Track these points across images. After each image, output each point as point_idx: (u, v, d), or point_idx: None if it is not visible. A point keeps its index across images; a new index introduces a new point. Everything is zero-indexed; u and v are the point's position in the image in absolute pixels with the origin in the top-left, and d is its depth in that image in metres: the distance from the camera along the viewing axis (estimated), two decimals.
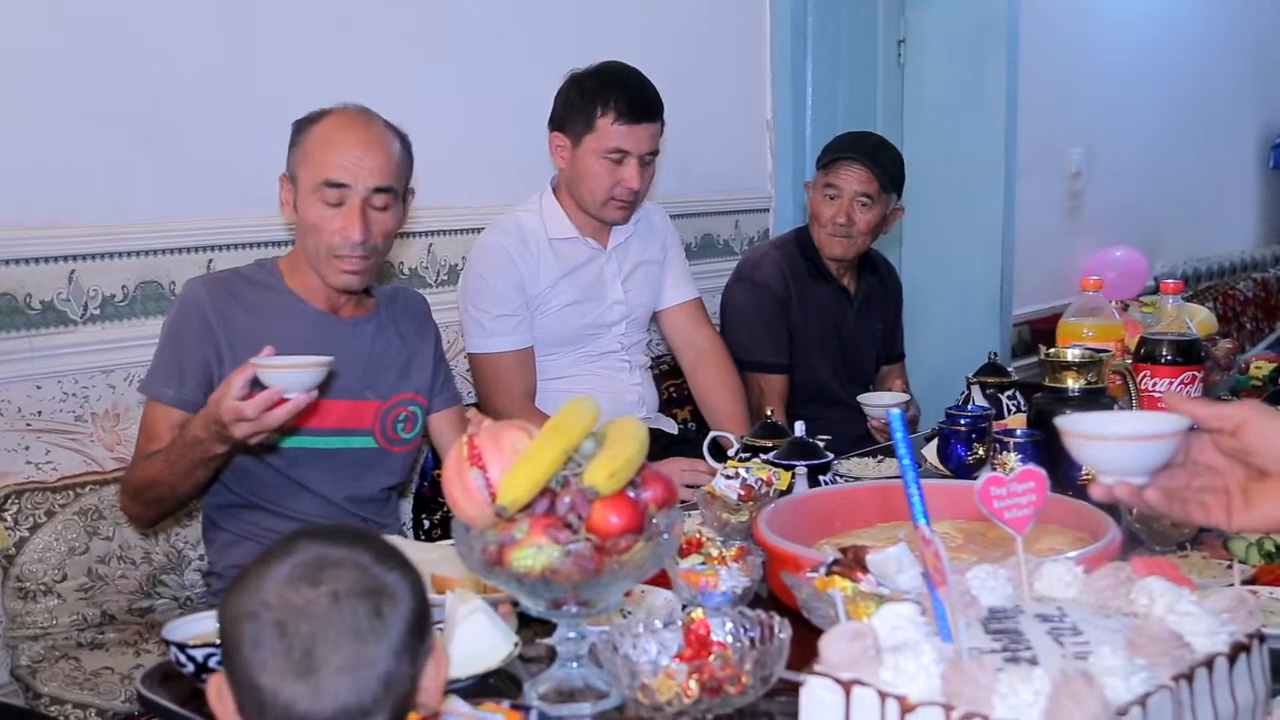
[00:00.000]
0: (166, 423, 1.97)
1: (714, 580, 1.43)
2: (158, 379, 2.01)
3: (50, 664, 2.11)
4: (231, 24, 2.50)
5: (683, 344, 2.88)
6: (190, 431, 1.85)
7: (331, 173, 1.97)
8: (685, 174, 3.49)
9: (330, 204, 1.97)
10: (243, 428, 1.74)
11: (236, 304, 2.03)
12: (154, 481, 1.93)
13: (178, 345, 2.00)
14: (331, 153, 1.97)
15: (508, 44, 3.02)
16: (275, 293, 2.08)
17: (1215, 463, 1.19)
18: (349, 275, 2.02)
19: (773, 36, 3.80)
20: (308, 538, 0.99)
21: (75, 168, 2.30)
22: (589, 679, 1.30)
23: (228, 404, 1.73)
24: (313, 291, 2.09)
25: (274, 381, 1.73)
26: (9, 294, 2.22)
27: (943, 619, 1.07)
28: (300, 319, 2.03)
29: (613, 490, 1.21)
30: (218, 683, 0.99)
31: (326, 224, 1.98)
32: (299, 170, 2.02)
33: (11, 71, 2.21)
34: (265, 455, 2.03)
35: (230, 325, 2.00)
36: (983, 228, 4.59)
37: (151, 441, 1.97)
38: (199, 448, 1.84)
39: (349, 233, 1.97)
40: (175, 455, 1.89)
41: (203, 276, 2.12)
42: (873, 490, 1.82)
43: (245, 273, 2.11)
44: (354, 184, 1.97)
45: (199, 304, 2.01)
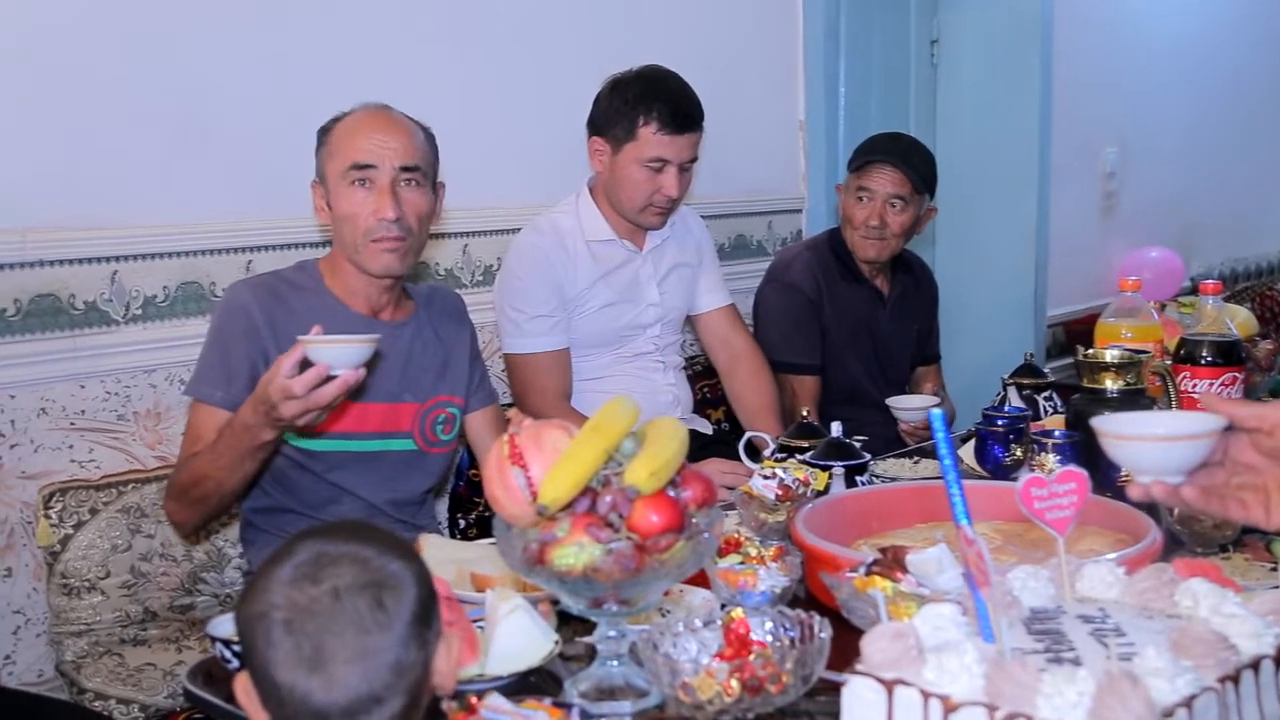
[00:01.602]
0: (212, 425, 1.97)
1: (753, 580, 1.44)
2: (205, 381, 2.01)
3: (94, 660, 2.14)
4: (269, 26, 2.53)
5: (718, 346, 2.89)
6: (239, 418, 1.85)
7: (357, 156, 1.99)
8: (718, 175, 3.49)
9: (361, 187, 2.00)
10: (291, 406, 1.73)
11: (280, 307, 2.04)
12: (202, 477, 1.93)
13: (224, 348, 2.01)
14: (355, 139, 2.01)
15: (542, 44, 3.04)
16: (316, 296, 2.09)
17: (1254, 461, 1.20)
18: (388, 255, 2.02)
19: (805, 37, 3.80)
20: (307, 537, 1.03)
21: (117, 170, 2.33)
22: (629, 677, 1.30)
23: (277, 383, 1.73)
24: (353, 294, 2.10)
25: (322, 358, 1.73)
26: (53, 294, 2.25)
27: (985, 619, 1.07)
28: (342, 322, 2.04)
29: (653, 489, 1.21)
30: (244, 680, 1.03)
31: (358, 209, 2.00)
32: (327, 167, 2.04)
33: (55, 74, 2.24)
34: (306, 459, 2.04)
35: (276, 328, 2.02)
36: (1017, 228, 4.57)
37: (197, 443, 1.98)
38: (248, 434, 1.84)
39: (382, 211, 1.99)
40: (224, 446, 1.89)
41: (247, 280, 2.13)
42: (910, 491, 1.82)
43: (287, 275, 2.12)
44: (380, 164, 2.00)
45: (245, 307, 2.02)
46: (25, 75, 2.20)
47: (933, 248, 4.49)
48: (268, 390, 1.75)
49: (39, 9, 2.21)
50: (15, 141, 2.20)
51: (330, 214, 2.06)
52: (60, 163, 2.26)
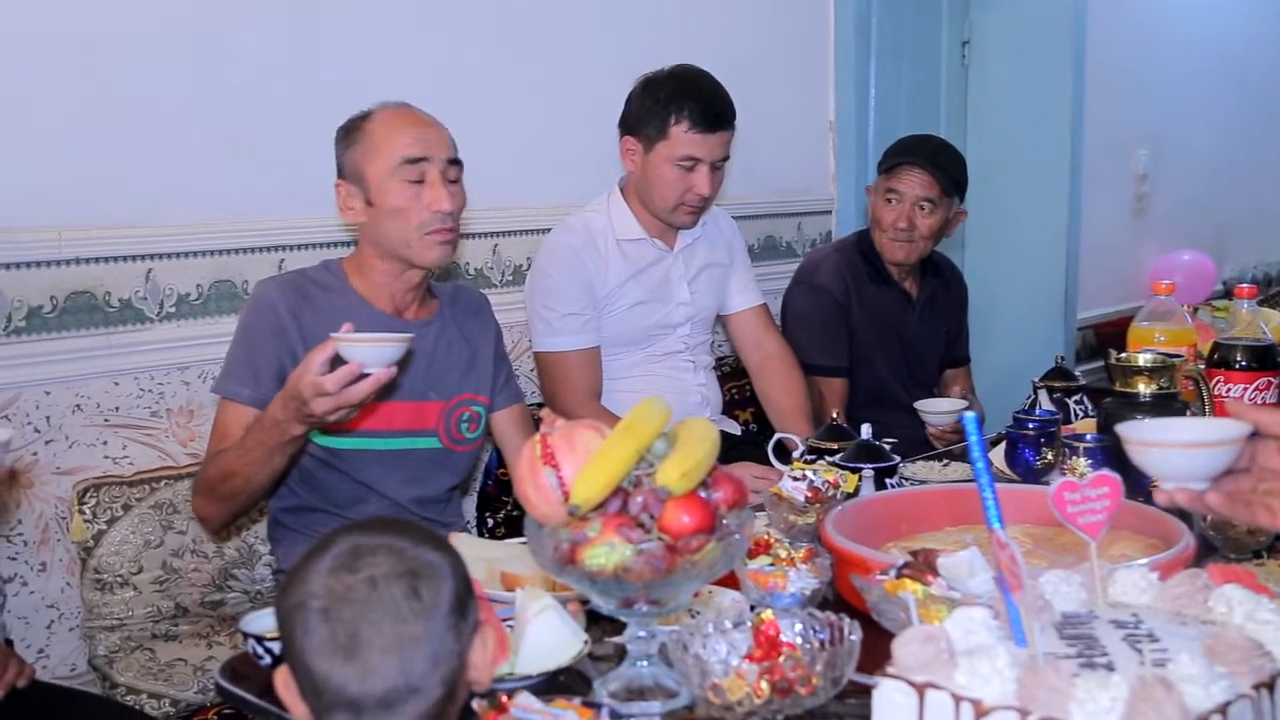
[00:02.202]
0: (239, 423, 1.98)
1: (783, 581, 1.44)
2: (233, 379, 2.03)
3: (126, 654, 2.16)
4: (303, 26, 2.55)
5: (749, 347, 2.89)
6: (269, 413, 1.86)
7: (408, 150, 2.01)
8: (748, 175, 3.49)
9: (411, 181, 2.01)
10: (323, 403, 1.74)
11: (307, 305, 2.05)
12: (230, 473, 1.94)
13: (252, 346, 2.02)
14: (400, 134, 2.02)
15: (574, 45, 3.04)
16: (341, 295, 2.10)
17: (1275, 466, 1.21)
18: (443, 247, 2.05)
19: (837, 37, 3.80)
20: (345, 531, 1.05)
21: (152, 169, 2.35)
22: (659, 678, 1.31)
23: (308, 380, 1.73)
24: (378, 293, 2.11)
25: (355, 356, 1.73)
26: (89, 292, 2.28)
27: (1017, 623, 1.06)
28: (368, 321, 2.05)
29: (685, 490, 1.22)
30: (284, 673, 1.04)
31: (411, 203, 2.02)
32: (365, 165, 2.03)
33: (90, 74, 2.26)
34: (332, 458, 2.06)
35: (302, 326, 2.03)
36: (1047, 230, 4.55)
37: (224, 440, 1.99)
38: (276, 430, 1.85)
39: (439, 204, 2.02)
40: (252, 442, 1.90)
41: (274, 278, 2.14)
42: (940, 494, 1.82)
43: (312, 274, 2.13)
44: (432, 157, 2.03)
45: (273, 305, 2.03)
46: (62, 78, 2.22)
47: (963, 249, 4.47)
48: (299, 386, 1.75)
49: (76, 14, 2.23)
50: (52, 142, 2.22)
51: (366, 211, 2.05)
52: (96, 162, 2.28)
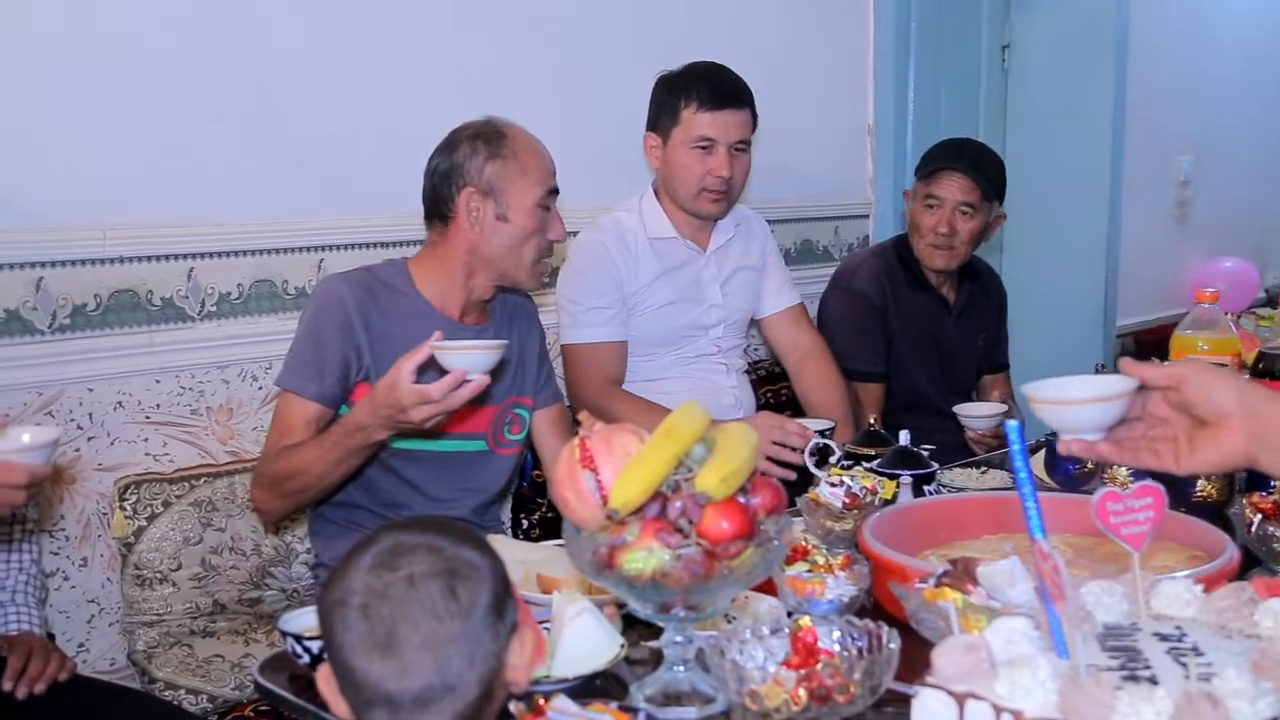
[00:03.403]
0: (303, 417, 2.00)
1: (820, 588, 1.43)
2: (298, 374, 2.03)
3: (165, 650, 2.18)
4: (341, 29, 2.56)
5: (786, 347, 2.88)
6: (352, 419, 1.88)
7: (551, 181, 2.13)
8: (785, 179, 3.48)
9: (545, 210, 2.10)
10: (425, 410, 1.77)
11: (373, 304, 2.06)
12: (299, 471, 1.95)
13: (319, 341, 2.03)
14: (543, 164, 2.13)
15: (609, 48, 3.05)
16: (406, 297, 2.11)
17: (1167, 415, 1.32)
18: (544, 275, 2.17)
19: (875, 41, 3.78)
20: (386, 529, 1.06)
21: (195, 170, 2.38)
22: (695, 683, 1.30)
23: (408, 388, 1.75)
24: (445, 297, 2.12)
25: (457, 364, 1.75)
26: (132, 290, 2.30)
27: (1059, 634, 1.05)
28: (428, 324, 2.05)
29: (724, 496, 1.21)
30: (325, 670, 1.06)
31: (541, 230, 2.11)
32: (509, 183, 2.08)
33: (135, 77, 2.29)
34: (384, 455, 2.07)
35: (369, 325, 2.04)
36: (1087, 235, 4.51)
37: (286, 435, 2.00)
38: (360, 435, 1.87)
39: (558, 234, 2.14)
40: (330, 443, 1.91)
41: (342, 274, 2.13)
42: (980, 502, 1.80)
43: (379, 272, 2.13)
44: (557, 190, 2.15)
45: (342, 302, 2.04)
46: (106, 79, 2.25)
47: (1000, 254, 4.44)
48: (396, 394, 1.77)
49: (117, 15, 2.26)
50: (97, 142, 2.25)
51: (493, 225, 2.08)
52: (140, 163, 2.31)
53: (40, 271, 2.19)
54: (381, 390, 1.81)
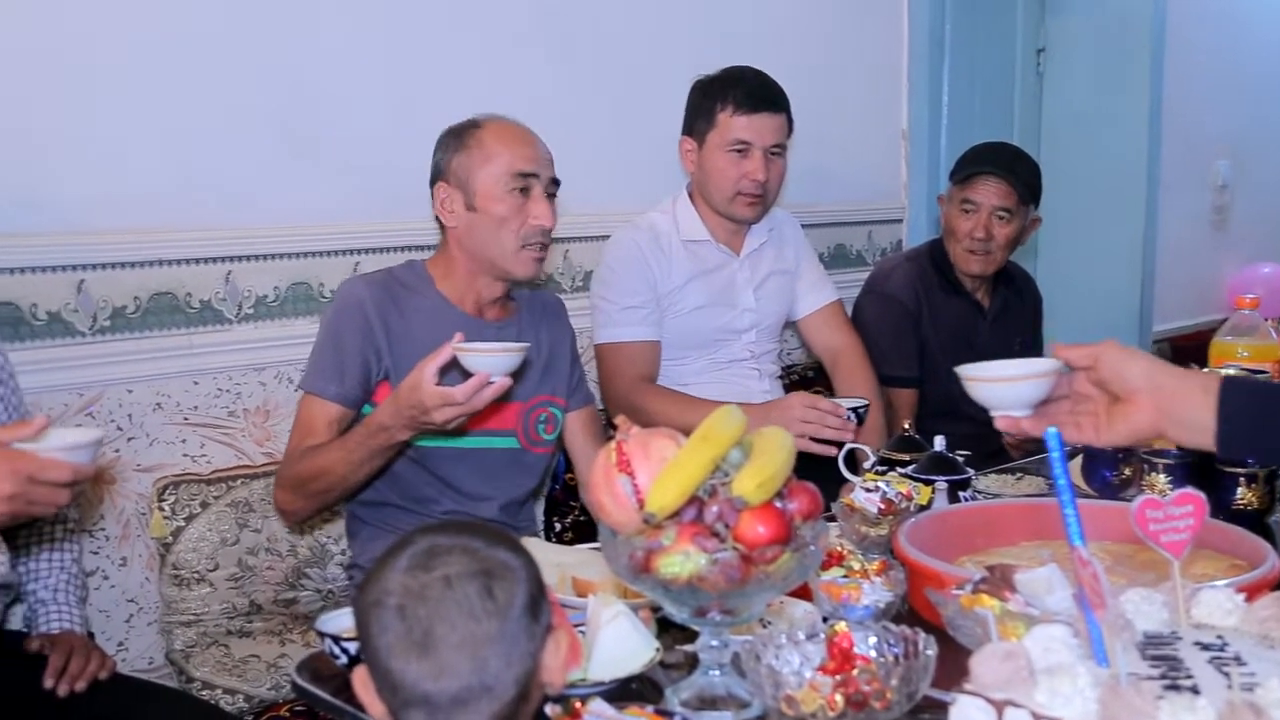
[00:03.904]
0: (325, 418, 2.03)
1: (856, 594, 1.43)
2: (319, 375, 2.06)
3: (202, 649, 2.20)
4: (377, 33, 2.58)
5: (821, 347, 2.88)
6: (376, 420, 1.90)
7: (522, 164, 2.07)
8: (819, 183, 3.48)
9: (518, 192, 2.07)
10: (449, 412, 1.78)
11: (393, 305, 2.09)
12: (324, 472, 1.98)
13: (339, 343, 2.06)
14: (514, 147, 2.08)
15: (643, 52, 3.06)
16: (425, 296, 2.13)
17: (1089, 392, 1.43)
18: (538, 263, 2.12)
19: (910, 45, 3.77)
20: (422, 531, 1.07)
21: (232, 173, 2.40)
22: (731, 687, 1.30)
23: (431, 390, 1.77)
24: (462, 295, 2.14)
25: (480, 366, 1.76)
26: (171, 293, 2.32)
27: (1098, 642, 1.05)
28: (450, 322, 2.08)
29: (761, 500, 1.21)
30: (362, 672, 1.06)
31: (515, 215, 2.07)
32: (474, 171, 2.08)
33: (172, 82, 2.31)
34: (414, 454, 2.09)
35: (388, 326, 2.07)
36: (1123, 240, 4.48)
37: (308, 436, 2.03)
38: (382, 435, 1.89)
39: (542, 219, 2.08)
40: (354, 444, 1.94)
41: (361, 277, 2.18)
42: (1016, 508, 1.79)
43: (397, 274, 2.16)
44: (541, 173, 2.09)
45: (360, 304, 2.07)
46: (144, 84, 2.28)
47: (1034, 258, 4.41)
48: (419, 396, 1.78)
49: (156, 20, 2.28)
50: (137, 147, 2.28)
51: (466, 216, 2.09)
52: (179, 167, 2.33)
53: (81, 274, 2.22)
54: (404, 391, 1.82)
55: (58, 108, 2.18)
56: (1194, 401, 1.34)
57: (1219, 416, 1.33)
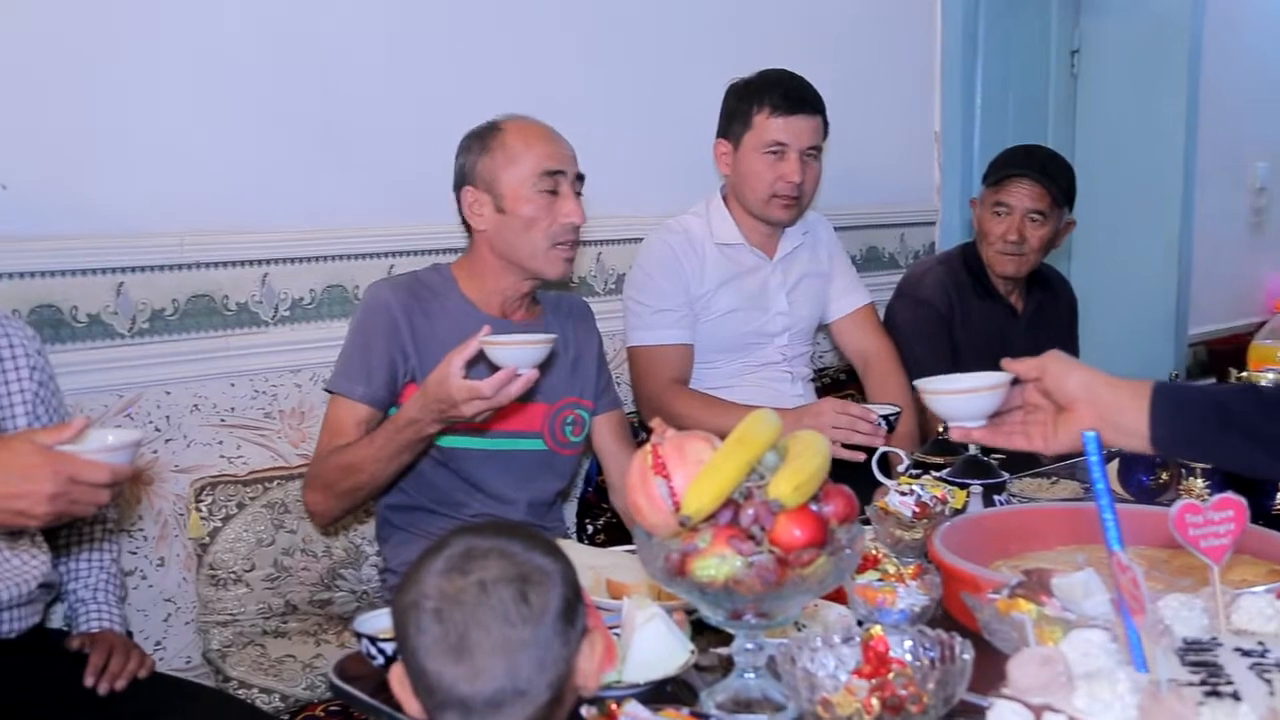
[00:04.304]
0: (353, 419, 2.05)
1: (891, 597, 1.42)
2: (347, 377, 2.08)
3: (238, 649, 2.22)
4: (411, 37, 2.60)
5: (854, 351, 2.88)
6: (404, 414, 1.92)
7: (549, 163, 2.08)
8: (851, 185, 3.47)
9: (546, 192, 2.08)
10: (477, 405, 1.79)
11: (418, 307, 2.11)
12: (352, 469, 2.00)
13: (366, 345, 2.08)
14: (538, 146, 2.09)
15: (676, 54, 3.06)
16: (450, 299, 2.15)
17: (1039, 402, 1.50)
18: (568, 262, 2.13)
19: (943, 47, 3.76)
20: (459, 533, 1.07)
21: (270, 177, 2.42)
22: (766, 690, 1.30)
23: (458, 383, 1.78)
24: (487, 297, 2.16)
25: (507, 358, 1.77)
26: (208, 295, 2.35)
27: (1137, 648, 1.05)
28: (475, 324, 2.08)
29: (797, 503, 1.21)
30: (399, 671, 1.07)
31: (544, 214, 2.08)
32: (500, 173, 2.09)
33: (210, 88, 2.33)
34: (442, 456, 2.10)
35: (414, 327, 2.09)
36: (1158, 242, 4.45)
37: (337, 437, 2.05)
38: (411, 429, 1.91)
39: (572, 216, 2.10)
40: (383, 439, 1.96)
41: (387, 280, 2.20)
42: (1052, 512, 1.78)
43: (423, 277, 2.19)
44: (567, 170, 2.10)
45: (387, 306, 2.09)
46: (183, 90, 2.30)
47: (1068, 260, 4.38)
48: (447, 389, 1.79)
49: (194, 26, 2.30)
50: (175, 151, 2.30)
51: (495, 219, 2.11)
52: (216, 170, 2.35)
53: (121, 277, 2.24)
54: (432, 384, 1.83)
55: (99, 113, 2.21)
56: (1126, 408, 1.41)
57: (1151, 421, 1.40)
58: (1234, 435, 1.39)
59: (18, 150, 2.12)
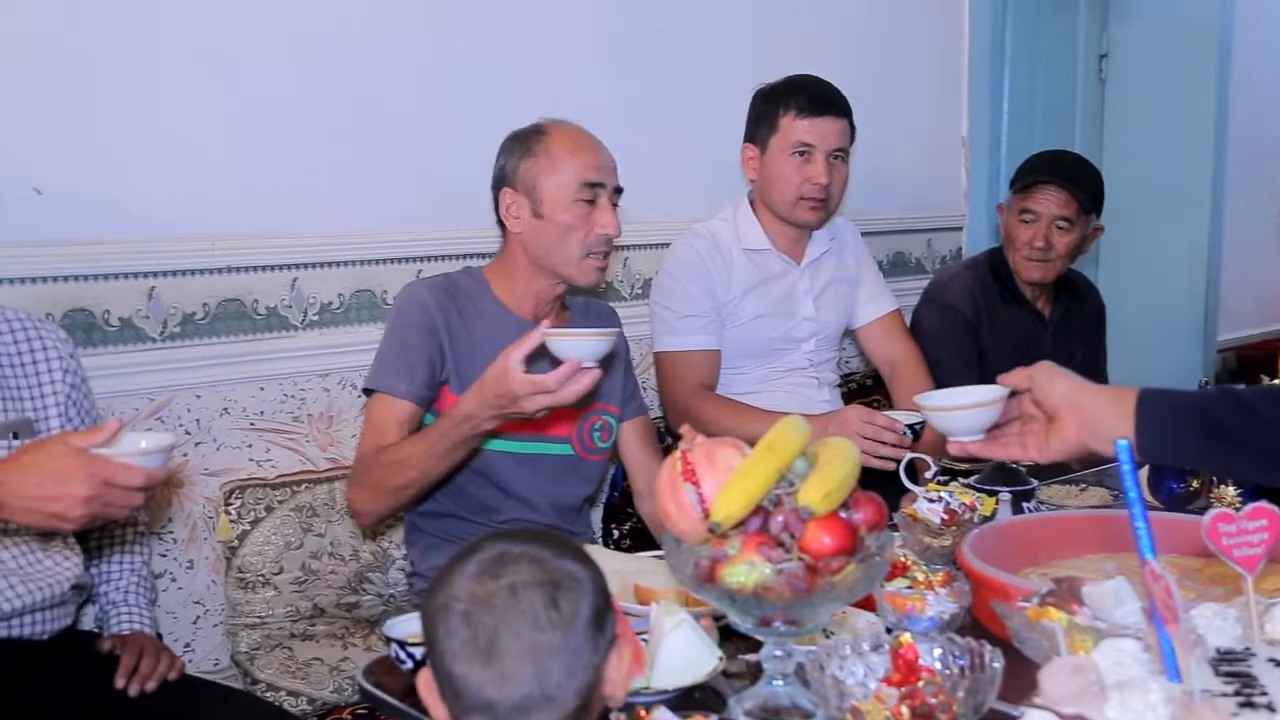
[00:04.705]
0: (396, 416, 2.05)
1: (921, 605, 1.42)
2: (388, 374, 2.08)
3: (266, 651, 2.23)
4: (440, 43, 2.61)
5: (880, 357, 2.87)
6: (460, 409, 1.90)
7: (590, 174, 2.09)
8: (878, 190, 3.46)
9: (584, 202, 2.08)
10: (541, 400, 1.77)
11: (454, 309, 2.12)
12: (403, 466, 1.98)
13: (404, 342, 2.08)
14: (582, 156, 2.10)
15: (702, 61, 3.06)
16: (483, 301, 2.16)
17: (1033, 412, 1.52)
18: (601, 271, 2.14)
19: (971, 52, 3.75)
20: (491, 538, 1.07)
21: (300, 182, 2.44)
22: (795, 697, 1.30)
23: (520, 377, 1.76)
24: (519, 301, 2.16)
25: (572, 351, 1.74)
26: (238, 299, 2.36)
27: (1170, 657, 1.04)
28: (507, 327, 2.10)
29: (827, 511, 1.21)
30: (426, 675, 1.07)
31: (581, 223, 2.09)
32: (541, 179, 2.10)
33: (240, 93, 2.35)
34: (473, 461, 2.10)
35: (450, 329, 2.10)
36: (1187, 248, 4.42)
37: (381, 434, 2.05)
38: (467, 424, 1.89)
39: (608, 228, 2.10)
40: (437, 436, 1.94)
41: (423, 280, 2.20)
42: (1081, 520, 1.77)
43: (456, 278, 2.20)
44: (607, 183, 2.11)
45: (425, 305, 2.10)
46: (214, 95, 2.32)
47: (1095, 266, 4.36)
48: (508, 384, 1.77)
49: (225, 31, 2.32)
50: (205, 156, 2.32)
51: (531, 223, 2.11)
52: (246, 176, 2.37)
53: (152, 281, 2.26)
54: (491, 380, 1.81)
55: (130, 118, 2.23)
56: (1108, 415, 1.43)
57: (1137, 428, 1.41)
58: (1215, 440, 1.40)
59: (52, 155, 2.14)
